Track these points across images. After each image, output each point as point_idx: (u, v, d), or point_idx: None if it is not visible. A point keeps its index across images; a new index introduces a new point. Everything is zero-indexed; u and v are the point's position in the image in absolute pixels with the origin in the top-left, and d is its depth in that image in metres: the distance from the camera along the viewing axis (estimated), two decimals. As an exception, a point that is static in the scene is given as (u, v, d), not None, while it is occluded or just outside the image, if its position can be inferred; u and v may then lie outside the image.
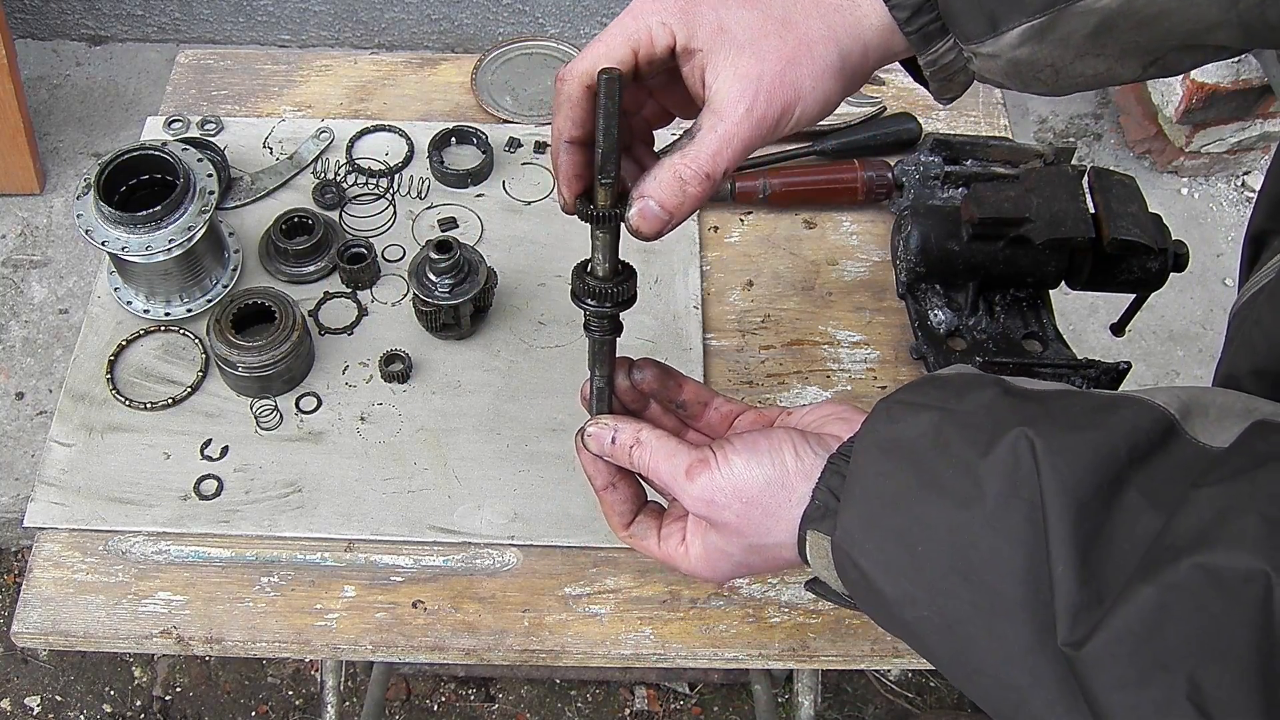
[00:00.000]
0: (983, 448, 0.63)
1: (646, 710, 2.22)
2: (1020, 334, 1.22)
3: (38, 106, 2.66)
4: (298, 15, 2.74)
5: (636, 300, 0.82)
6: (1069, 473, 0.60)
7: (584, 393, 0.84)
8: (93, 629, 1.04)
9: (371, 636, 1.05)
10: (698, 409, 0.85)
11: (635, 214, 0.73)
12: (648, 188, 0.73)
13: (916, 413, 0.68)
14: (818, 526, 0.71)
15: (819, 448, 0.73)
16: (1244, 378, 0.81)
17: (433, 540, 1.09)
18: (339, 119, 1.38)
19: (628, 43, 0.73)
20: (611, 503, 0.82)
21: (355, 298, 1.24)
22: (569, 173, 0.76)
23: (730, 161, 0.72)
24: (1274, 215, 0.87)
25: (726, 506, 0.73)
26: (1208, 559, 0.55)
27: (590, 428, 0.80)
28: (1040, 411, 0.65)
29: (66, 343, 2.35)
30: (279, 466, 1.13)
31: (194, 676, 2.22)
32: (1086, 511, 0.59)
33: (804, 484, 0.72)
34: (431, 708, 2.20)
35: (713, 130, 0.72)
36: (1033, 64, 0.76)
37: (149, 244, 1.13)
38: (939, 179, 1.28)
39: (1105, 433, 0.61)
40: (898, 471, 0.66)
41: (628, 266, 0.81)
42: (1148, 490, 0.60)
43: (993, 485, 0.62)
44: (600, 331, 0.81)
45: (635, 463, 0.78)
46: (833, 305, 1.27)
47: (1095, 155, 2.77)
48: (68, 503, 1.10)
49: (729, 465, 0.73)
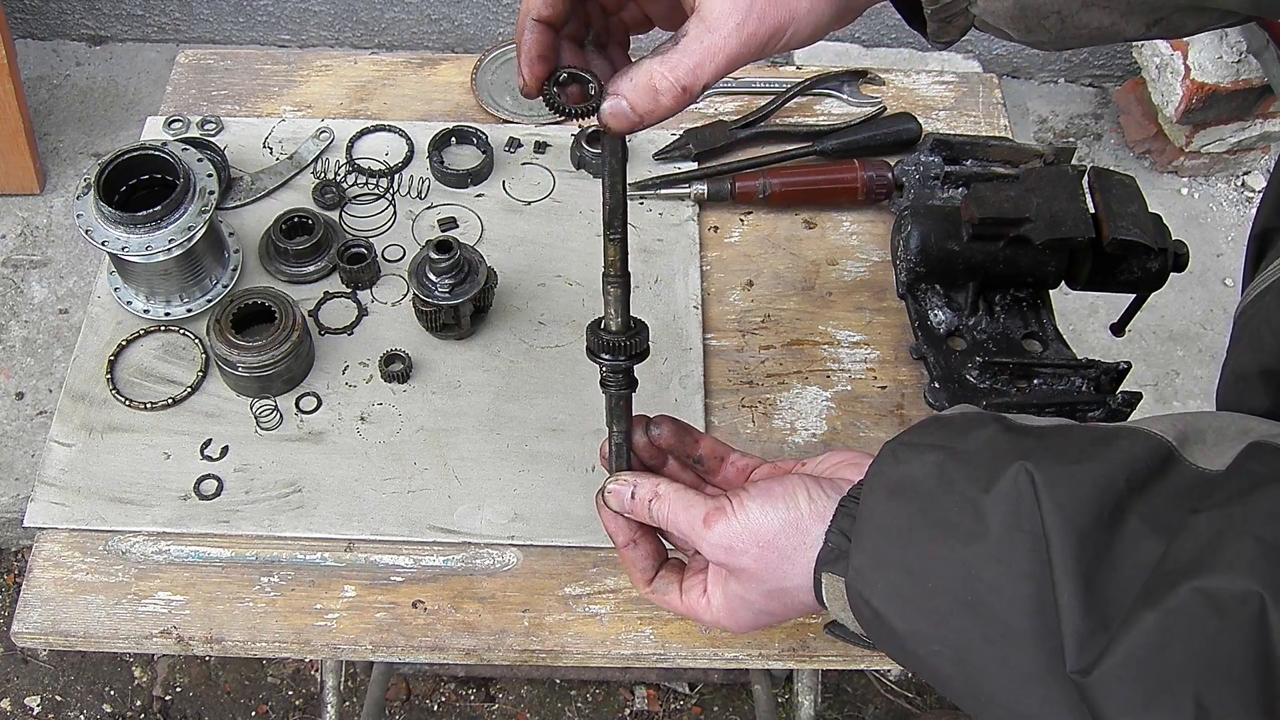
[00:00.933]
0: (985, 483, 0.64)
1: (646, 710, 2.22)
2: (1020, 334, 1.22)
3: (38, 106, 2.66)
4: (298, 15, 2.74)
5: (649, 354, 0.82)
6: (1069, 503, 0.61)
7: (603, 450, 0.85)
8: (93, 629, 1.04)
9: (371, 636, 1.05)
10: (714, 464, 0.85)
11: (607, 109, 0.71)
12: (622, 86, 0.71)
13: (921, 453, 0.69)
14: (832, 569, 0.72)
15: (831, 490, 0.74)
16: (1252, 377, 0.81)
17: (433, 540, 1.09)
18: (339, 119, 1.38)
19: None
20: (633, 559, 0.83)
21: (355, 298, 1.24)
22: (533, 52, 0.73)
23: (712, 76, 0.70)
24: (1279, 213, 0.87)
25: (744, 551, 0.74)
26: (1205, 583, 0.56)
27: (610, 485, 0.81)
28: (1039, 446, 0.66)
29: (66, 343, 2.35)
30: (279, 466, 1.13)
31: (194, 676, 2.22)
32: (1088, 541, 0.60)
33: (818, 526, 0.73)
34: (431, 708, 2.20)
35: (698, 40, 0.69)
36: (1038, 8, 0.74)
37: (149, 244, 1.13)
38: (939, 179, 1.28)
39: (1104, 463, 0.63)
40: (905, 510, 0.67)
41: (640, 322, 0.82)
42: (1148, 517, 0.61)
43: (996, 519, 0.63)
44: (616, 386, 0.82)
45: (654, 515, 0.79)
46: (833, 305, 1.27)
47: (1095, 155, 2.77)
48: (68, 503, 1.10)
49: (745, 511, 0.74)
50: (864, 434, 1.18)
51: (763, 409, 1.19)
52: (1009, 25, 0.77)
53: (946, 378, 1.19)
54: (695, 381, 1.19)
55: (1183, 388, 2.46)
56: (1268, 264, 0.86)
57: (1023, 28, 0.77)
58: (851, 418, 1.19)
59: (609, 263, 0.78)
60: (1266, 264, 0.86)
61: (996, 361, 1.16)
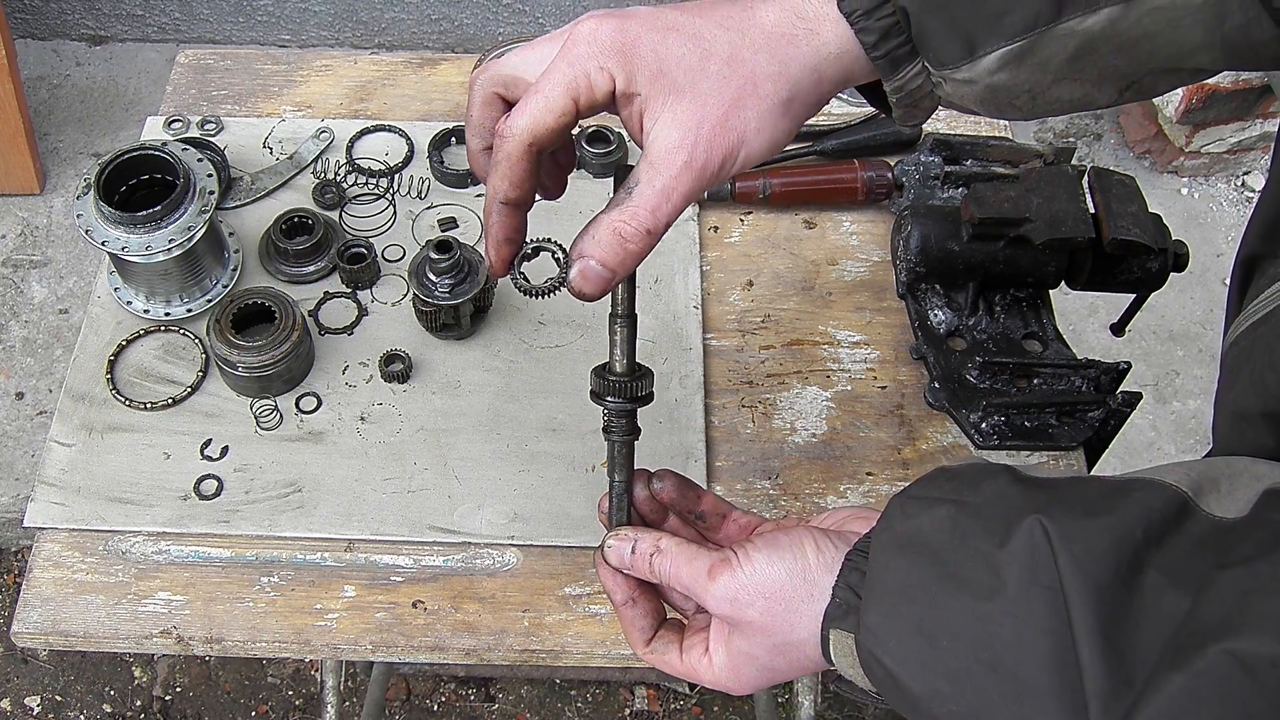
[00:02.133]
0: (999, 538, 0.63)
1: (646, 710, 2.22)
2: (1020, 334, 1.22)
3: (38, 106, 2.66)
4: (298, 15, 2.74)
5: (653, 399, 0.81)
6: (1087, 558, 0.60)
7: (601, 505, 0.83)
8: (93, 629, 1.04)
9: (371, 636, 1.05)
10: (716, 521, 0.83)
11: (576, 275, 0.71)
12: (587, 247, 0.71)
13: (931, 507, 0.68)
14: (840, 625, 0.70)
15: (839, 542, 0.73)
16: (1254, 419, 0.79)
17: (433, 540, 1.09)
18: (339, 119, 1.38)
19: (568, 92, 0.69)
20: (631, 619, 0.80)
21: (355, 298, 1.24)
22: (500, 235, 0.73)
23: (671, 215, 0.70)
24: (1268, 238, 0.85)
25: (750, 604, 0.72)
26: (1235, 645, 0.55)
27: (610, 540, 0.79)
28: (1053, 498, 0.64)
29: (66, 343, 2.35)
30: (279, 466, 1.13)
31: (194, 676, 2.22)
32: (1108, 595, 0.59)
33: (825, 577, 0.71)
34: (431, 708, 2.20)
35: (650, 185, 0.69)
36: (1009, 89, 0.73)
37: (149, 244, 1.13)
38: (939, 179, 1.28)
39: (1119, 516, 0.61)
40: (916, 566, 0.66)
41: (644, 366, 0.81)
42: (1167, 569, 0.60)
43: (1012, 574, 0.62)
44: (619, 432, 0.80)
45: (656, 571, 0.77)
46: (833, 305, 1.27)
47: (1095, 155, 2.77)
48: (68, 503, 1.10)
49: (751, 562, 0.72)
50: (864, 434, 1.18)
51: (763, 409, 1.19)
52: (978, 106, 0.76)
53: (946, 378, 1.19)
54: (695, 381, 1.19)
55: (1183, 388, 2.46)
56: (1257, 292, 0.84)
57: (993, 108, 0.76)
58: (851, 418, 1.19)
59: (617, 301, 0.77)
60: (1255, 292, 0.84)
61: (996, 361, 1.16)
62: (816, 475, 1.15)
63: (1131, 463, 2.35)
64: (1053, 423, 1.17)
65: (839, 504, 1.13)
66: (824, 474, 1.15)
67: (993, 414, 1.17)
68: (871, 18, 0.71)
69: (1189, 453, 2.36)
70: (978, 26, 0.70)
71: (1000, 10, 0.70)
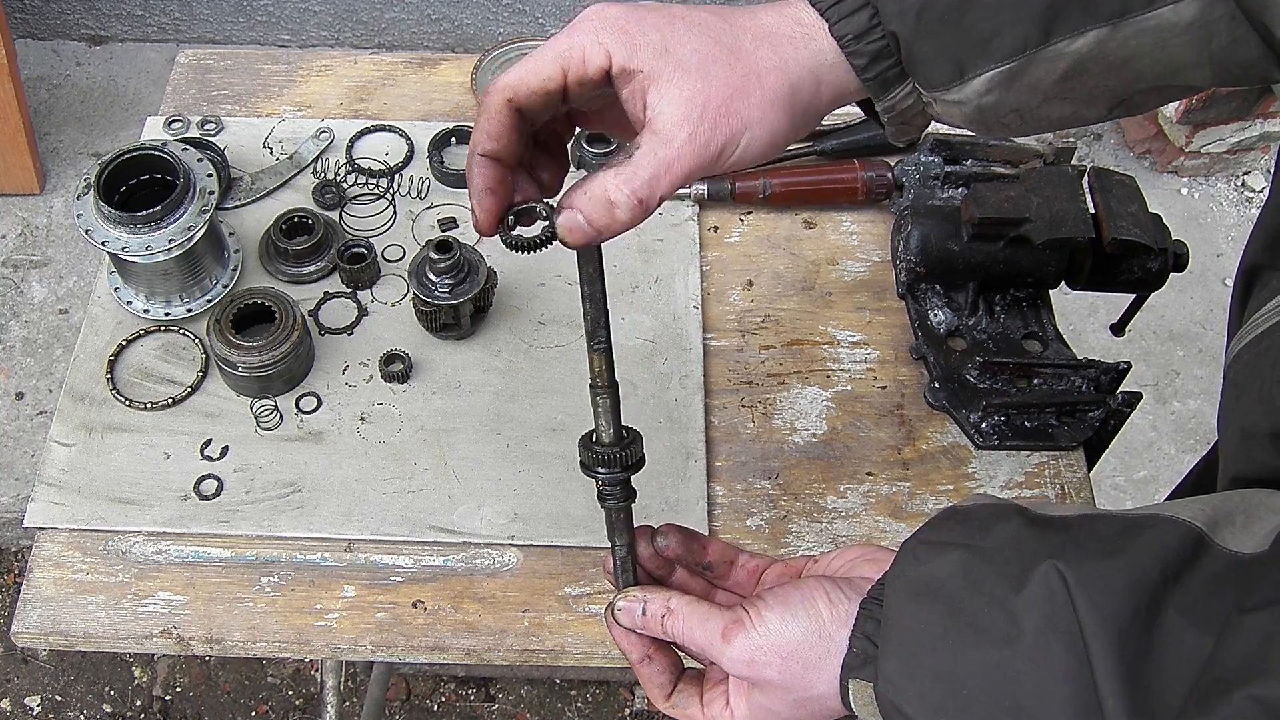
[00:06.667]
0: (1015, 583, 0.63)
1: (646, 710, 2.22)
2: (1020, 334, 1.22)
3: (38, 106, 2.66)
4: (298, 15, 2.74)
5: (645, 463, 0.80)
6: (1104, 601, 0.60)
7: (607, 565, 0.82)
8: (93, 629, 1.04)
9: (371, 636, 1.05)
10: (724, 568, 0.82)
11: (562, 223, 0.70)
12: (576, 200, 0.70)
13: (943, 552, 0.67)
14: (859, 675, 0.70)
15: (851, 592, 0.72)
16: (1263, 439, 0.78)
17: (433, 540, 1.09)
18: (339, 119, 1.38)
19: (558, 60, 0.70)
20: (649, 675, 0.79)
21: (355, 298, 1.24)
22: (480, 185, 0.72)
23: (667, 188, 0.70)
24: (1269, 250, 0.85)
25: (767, 665, 0.72)
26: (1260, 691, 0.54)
27: (620, 602, 0.78)
28: (1067, 540, 0.64)
29: (66, 343, 2.34)
30: (279, 466, 1.13)
31: (194, 676, 2.22)
32: (1128, 639, 0.59)
33: (841, 631, 0.71)
34: (431, 708, 2.20)
35: (652, 153, 0.69)
36: (998, 110, 0.74)
37: (149, 244, 1.13)
38: (939, 179, 1.28)
39: (1134, 556, 0.61)
40: (932, 614, 0.66)
41: (632, 430, 0.80)
42: (1186, 609, 0.59)
43: (1030, 621, 0.61)
44: (615, 499, 0.80)
45: (669, 632, 0.76)
46: (833, 305, 1.27)
47: (1095, 155, 2.77)
48: (68, 503, 1.10)
49: (764, 623, 0.72)
50: (864, 434, 1.18)
51: (763, 409, 1.19)
52: (968, 125, 0.76)
53: (946, 378, 1.19)
54: (695, 381, 1.19)
55: (1183, 388, 2.46)
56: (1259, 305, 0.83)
57: (981, 128, 0.76)
58: (851, 418, 1.19)
59: (595, 374, 0.76)
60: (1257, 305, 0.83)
61: (996, 361, 1.16)
62: (816, 475, 1.15)
63: (1131, 463, 2.35)
64: (1053, 423, 1.17)
65: (839, 504, 1.13)
66: (824, 474, 1.15)
67: (993, 414, 1.16)
68: (862, 41, 0.72)
69: (1189, 453, 2.36)
70: (966, 50, 0.71)
71: (988, 34, 0.70)
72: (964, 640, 0.64)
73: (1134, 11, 0.69)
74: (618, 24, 0.70)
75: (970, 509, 0.71)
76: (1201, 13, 0.68)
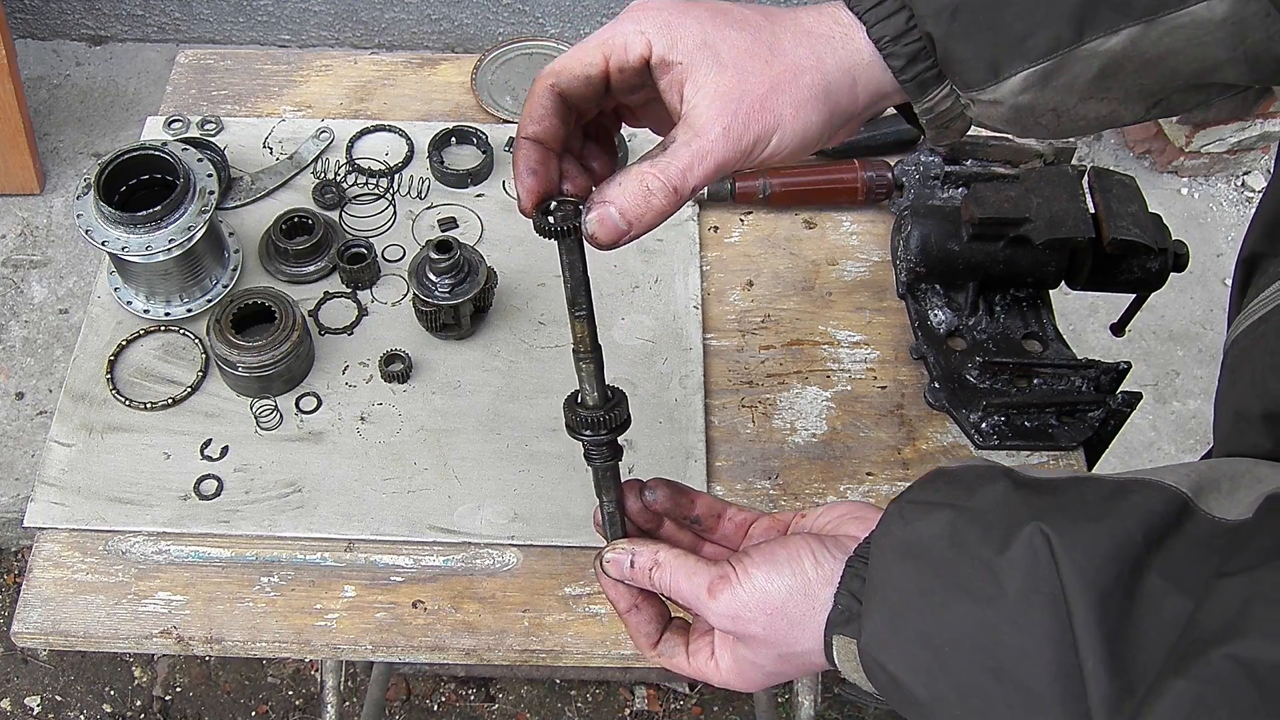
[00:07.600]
0: (999, 544, 0.63)
1: (646, 710, 2.22)
2: (1020, 334, 1.22)
3: (38, 106, 2.66)
4: (298, 15, 2.74)
5: (631, 423, 0.81)
6: (1087, 564, 0.60)
7: (596, 519, 0.83)
8: (93, 629, 1.04)
9: (371, 636, 1.05)
10: (712, 522, 0.83)
11: (594, 219, 0.71)
12: (611, 193, 0.71)
13: (929, 512, 0.68)
14: (843, 631, 0.70)
15: (837, 550, 0.73)
16: (1254, 419, 0.79)
17: (433, 540, 1.09)
18: (339, 119, 1.38)
19: (600, 48, 0.72)
20: (636, 624, 0.81)
21: (355, 298, 1.24)
22: (523, 166, 0.74)
23: (701, 179, 0.71)
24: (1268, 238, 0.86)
25: (752, 620, 0.73)
26: (1238, 650, 0.55)
27: (608, 554, 0.79)
28: (1053, 503, 0.65)
29: (66, 343, 2.35)
30: (279, 466, 1.13)
31: (194, 676, 2.22)
32: (1110, 601, 0.59)
33: (826, 589, 0.71)
34: (431, 708, 2.20)
35: (687, 145, 0.70)
36: (1034, 109, 0.74)
37: (149, 244, 1.13)
38: (939, 179, 1.28)
39: (1119, 520, 0.61)
40: (917, 573, 0.66)
41: (617, 390, 0.81)
42: (1168, 572, 0.60)
43: (1013, 582, 0.62)
44: (601, 459, 0.81)
45: (656, 584, 0.77)
46: (833, 305, 1.27)
47: (1095, 155, 2.77)
48: (68, 503, 1.10)
49: (750, 579, 0.73)
50: (864, 434, 1.18)
51: (763, 409, 1.19)
52: (1004, 126, 0.77)
53: (946, 378, 1.19)
54: (695, 381, 1.19)
55: (1183, 388, 2.46)
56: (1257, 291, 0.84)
57: (1018, 128, 0.77)
58: (851, 418, 1.19)
59: (578, 339, 0.77)
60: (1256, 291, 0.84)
61: (996, 361, 1.16)
62: (816, 475, 1.15)
63: (1131, 463, 2.35)
64: (1053, 423, 1.17)
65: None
66: (824, 474, 1.15)
67: (993, 414, 1.17)
68: (899, 43, 0.73)
69: (1189, 453, 2.36)
70: (1001, 50, 0.72)
71: (1022, 34, 0.71)
72: (947, 599, 0.64)
73: (1166, 9, 0.69)
74: (661, 16, 0.72)
75: (958, 470, 0.71)
76: (1234, 9, 0.69)
